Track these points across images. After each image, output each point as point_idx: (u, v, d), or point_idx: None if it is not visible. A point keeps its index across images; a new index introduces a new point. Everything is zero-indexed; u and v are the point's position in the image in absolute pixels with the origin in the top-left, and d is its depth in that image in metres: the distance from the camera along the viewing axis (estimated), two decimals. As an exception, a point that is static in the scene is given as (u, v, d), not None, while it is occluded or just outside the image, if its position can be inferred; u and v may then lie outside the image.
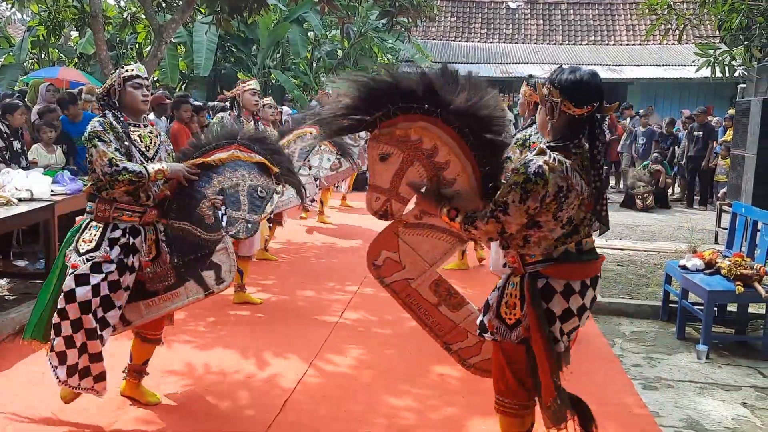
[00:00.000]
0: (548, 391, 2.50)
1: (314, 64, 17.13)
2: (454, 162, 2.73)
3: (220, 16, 8.24)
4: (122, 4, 14.56)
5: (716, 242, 8.16)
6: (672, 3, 6.83)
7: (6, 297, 5.45)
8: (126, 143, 3.27)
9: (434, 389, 3.86)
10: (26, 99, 8.10)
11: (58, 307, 3.14)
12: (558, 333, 2.50)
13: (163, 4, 8.58)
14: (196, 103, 9.13)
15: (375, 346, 4.55)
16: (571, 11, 22.59)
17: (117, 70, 3.43)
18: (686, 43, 17.56)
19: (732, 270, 4.68)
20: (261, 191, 3.65)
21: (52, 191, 5.44)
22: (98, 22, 7.02)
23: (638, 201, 11.22)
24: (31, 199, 5.23)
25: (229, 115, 5.64)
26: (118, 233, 3.27)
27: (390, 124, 2.69)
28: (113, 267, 3.19)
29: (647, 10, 6.99)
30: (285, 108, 10.45)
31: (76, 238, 3.28)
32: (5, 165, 5.87)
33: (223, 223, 3.55)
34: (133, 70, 3.40)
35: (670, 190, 12.23)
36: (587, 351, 4.59)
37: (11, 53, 15.63)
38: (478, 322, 2.73)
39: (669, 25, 6.88)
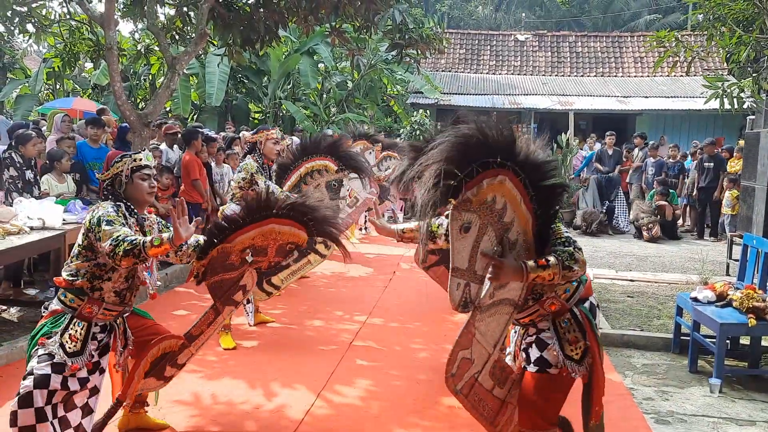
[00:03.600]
0: (600, 404, 2.92)
1: (324, 95, 17.31)
2: (516, 220, 2.57)
3: (233, 48, 8.38)
4: (136, 36, 14.82)
5: (727, 274, 8.10)
6: (679, 36, 6.88)
7: (16, 324, 5.47)
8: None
9: (443, 421, 3.82)
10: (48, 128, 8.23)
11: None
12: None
13: (177, 37, 8.74)
14: (208, 133, 9.26)
15: (383, 377, 4.52)
16: (579, 43, 22.78)
17: (123, 160, 3.21)
18: (694, 75, 17.66)
19: (744, 302, 4.64)
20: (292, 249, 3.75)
21: (63, 220, 5.49)
22: (113, 54, 7.14)
23: (644, 232, 11.21)
24: (43, 228, 5.28)
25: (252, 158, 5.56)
26: (97, 329, 3.09)
27: (473, 185, 2.37)
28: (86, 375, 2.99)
29: (654, 43, 7.03)
30: (294, 138, 10.52)
31: (59, 332, 2.99)
32: (18, 194, 5.94)
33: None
34: (141, 159, 3.22)
35: (680, 221, 12.18)
36: (598, 384, 4.53)
37: (27, 84, 15.94)
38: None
39: (677, 58, 6.90)
